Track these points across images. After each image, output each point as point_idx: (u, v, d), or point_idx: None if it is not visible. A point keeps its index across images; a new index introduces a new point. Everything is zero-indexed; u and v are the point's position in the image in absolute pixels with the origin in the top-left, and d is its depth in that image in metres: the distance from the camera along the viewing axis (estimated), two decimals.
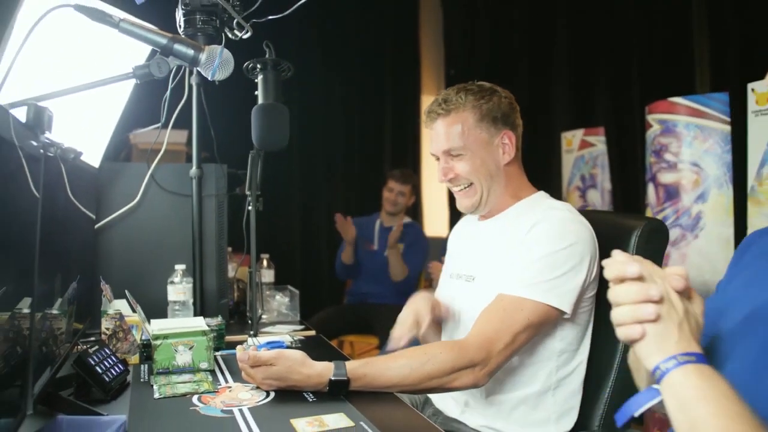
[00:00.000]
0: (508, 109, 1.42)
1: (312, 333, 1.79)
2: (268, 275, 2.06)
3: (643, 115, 2.74)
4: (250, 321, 1.69)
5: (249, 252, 1.67)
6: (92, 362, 1.18)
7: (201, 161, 1.82)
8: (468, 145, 1.39)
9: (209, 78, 1.23)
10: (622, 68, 3.31)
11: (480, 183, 1.40)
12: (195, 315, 1.75)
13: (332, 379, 1.15)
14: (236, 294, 2.06)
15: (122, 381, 1.25)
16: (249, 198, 1.68)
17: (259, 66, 1.63)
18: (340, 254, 3.58)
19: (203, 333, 1.33)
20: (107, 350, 1.26)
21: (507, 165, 1.42)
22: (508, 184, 1.43)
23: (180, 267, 1.71)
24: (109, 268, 1.76)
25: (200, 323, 1.40)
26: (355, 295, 3.62)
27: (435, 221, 5.03)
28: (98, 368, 1.18)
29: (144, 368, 1.37)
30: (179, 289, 1.70)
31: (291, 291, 1.97)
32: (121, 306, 1.48)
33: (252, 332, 1.66)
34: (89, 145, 1.61)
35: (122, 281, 1.64)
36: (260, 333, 1.70)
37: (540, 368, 1.34)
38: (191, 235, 1.81)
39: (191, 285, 1.74)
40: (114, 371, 1.22)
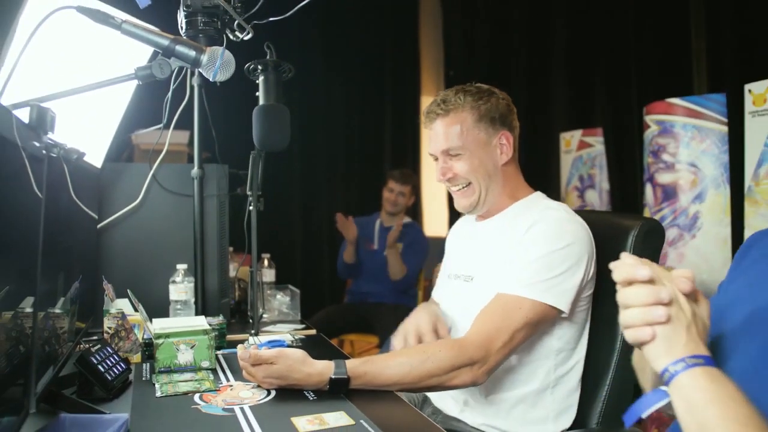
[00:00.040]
0: (506, 111, 1.43)
1: (312, 332, 1.79)
2: (269, 275, 2.07)
3: (641, 116, 2.75)
4: (251, 320, 1.69)
5: (250, 251, 1.68)
6: (94, 361, 1.19)
7: (202, 162, 1.83)
8: (466, 145, 1.40)
9: (211, 79, 1.23)
10: (621, 69, 3.32)
11: (478, 182, 1.41)
12: (196, 314, 1.76)
13: (333, 378, 1.16)
14: (237, 293, 2.07)
15: (124, 380, 1.25)
16: (250, 198, 1.68)
17: (260, 67, 1.64)
18: (342, 253, 3.59)
19: (205, 332, 1.34)
20: (109, 349, 1.27)
21: (504, 165, 1.43)
22: (506, 184, 1.44)
23: (181, 266, 1.72)
24: (111, 268, 1.77)
25: (202, 322, 1.41)
26: (356, 295, 3.63)
27: (435, 221, 5.03)
28: (100, 367, 1.19)
29: (146, 367, 1.38)
30: (181, 289, 1.71)
31: (292, 290, 1.98)
32: (123, 305, 1.49)
33: (253, 331, 1.67)
34: (91, 146, 1.61)
35: (124, 281, 1.66)
36: (261, 332, 1.71)
37: (538, 367, 1.35)
38: (193, 235, 1.81)
39: (193, 284, 1.74)
40: (116, 370, 1.23)
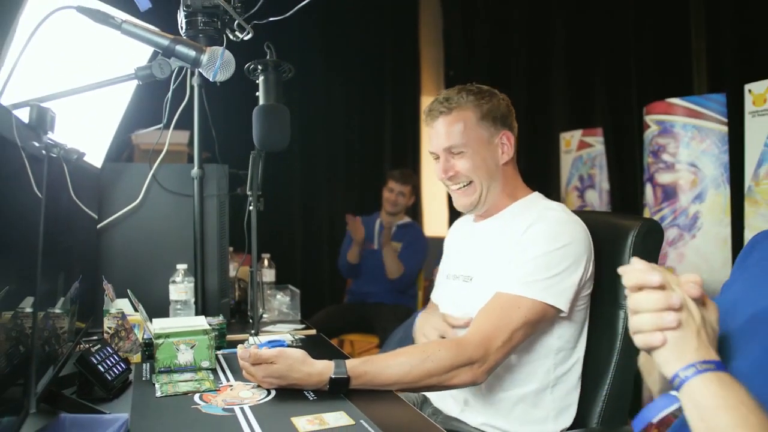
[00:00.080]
0: (506, 111, 1.44)
1: (312, 332, 1.79)
2: (269, 275, 2.07)
3: (641, 116, 2.74)
4: (251, 320, 1.69)
5: (250, 251, 1.68)
6: (94, 361, 1.19)
7: (202, 162, 1.83)
8: (469, 143, 1.40)
9: (211, 79, 1.23)
10: (621, 69, 3.31)
11: (480, 181, 1.41)
12: (196, 314, 1.76)
13: (333, 378, 1.16)
14: (237, 293, 2.07)
15: (124, 380, 1.25)
16: (250, 198, 1.68)
17: (260, 67, 1.64)
18: (346, 253, 3.59)
19: (205, 332, 1.34)
20: (109, 349, 1.27)
21: (504, 165, 1.44)
22: (506, 184, 1.45)
23: (181, 266, 1.72)
24: (111, 268, 1.77)
25: (202, 322, 1.41)
26: (356, 295, 3.63)
27: (435, 221, 5.03)
28: (100, 367, 1.19)
29: (146, 367, 1.38)
30: (181, 289, 1.71)
31: (292, 290, 1.98)
32: (123, 305, 1.49)
33: (253, 331, 1.67)
34: (91, 146, 1.61)
35: (124, 280, 1.66)
36: (261, 332, 1.71)
37: (538, 366, 1.35)
38: (193, 235, 1.81)
39: (193, 284, 1.75)
40: (116, 370, 1.23)
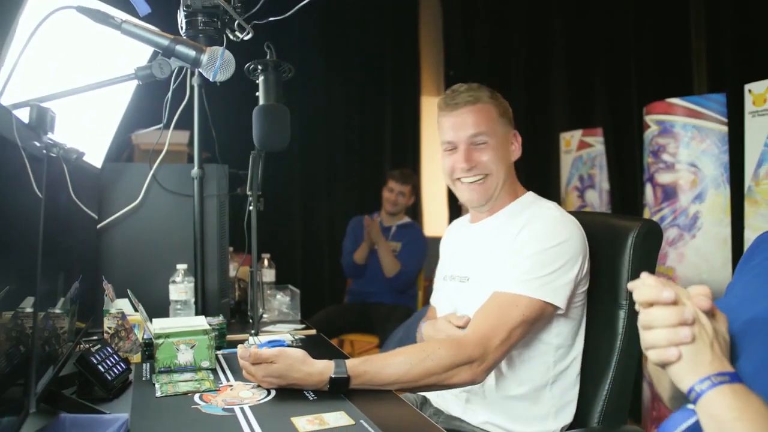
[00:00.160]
0: (511, 113, 1.49)
1: (312, 332, 1.79)
2: (269, 275, 2.07)
3: (641, 116, 2.74)
4: (251, 320, 1.69)
5: (250, 251, 1.68)
6: (94, 361, 1.19)
7: (202, 162, 1.83)
8: (493, 135, 1.42)
9: (211, 79, 1.24)
10: (620, 69, 3.31)
11: (497, 174, 1.43)
12: (196, 314, 1.76)
13: (333, 377, 1.16)
14: (237, 293, 2.07)
15: (124, 380, 1.25)
16: (250, 198, 1.68)
17: (260, 67, 1.64)
18: (349, 253, 3.59)
19: (205, 332, 1.34)
20: (109, 349, 1.27)
21: (510, 164, 1.48)
22: (511, 183, 1.48)
23: (181, 266, 1.72)
24: (111, 268, 1.77)
25: (202, 322, 1.41)
26: (356, 295, 3.63)
27: (435, 221, 5.03)
28: (100, 367, 1.19)
29: (146, 367, 1.38)
30: (181, 289, 1.71)
31: (292, 290, 1.98)
32: (123, 305, 1.49)
33: (253, 331, 1.67)
34: (91, 146, 1.61)
35: (124, 280, 1.66)
36: (261, 332, 1.71)
37: (538, 363, 1.36)
38: (193, 235, 1.82)
39: (193, 284, 1.75)
40: (116, 370, 1.23)
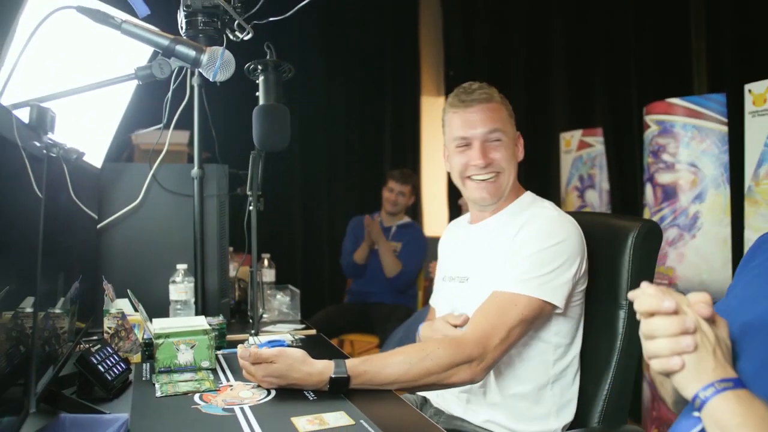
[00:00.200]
0: (514, 116, 1.50)
1: (312, 332, 1.80)
2: (269, 275, 2.07)
3: (641, 116, 2.74)
4: (251, 320, 1.69)
5: (250, 251, 1.68)
6: (94, 361, 1.19)
7: (202, 162, 1.83)
8: (505, 133, 1.43)
9: (211, 79, 1.24)
10: (620, 69, 3.31)
11: (508, 173, 1.44)
12: (196, 314, 1.76)
13: (333, 377, 1.16)
14: (237, 293, 2.07)
15: (124, 380, 1.25)
16: (250, 198, 1.68)
17: (260, 67, 1.64)
18: (349, 252, 3.59)
19: (205, 332, 1.34)
20: (109, 349, 1.27)
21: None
22: (515, 182, 1.48)
23: (181, 266, 1.72)
24: (111, 268, 1.77)
25: (202, 322, 1.41)
26: (356, 295, 3.63)
27: (435, 221, 5.03)
28: (100, 367, 1.19)
29: (146, 367, 1.38)
30: (181, 289, 1.71)
31: (292, 290, 1.98)
32: (123, 305, 1.49)
33: (253, 331, 1.67)
34: (91, 146, 1.61)
35: (124, 281, 1.66)
36: (261, 332, 1.71)
37: (538, 362, 1.37)
38: (193, 235, 1.81)
39: (193, 284, 1.75)
40: (116, 370, 1.23)
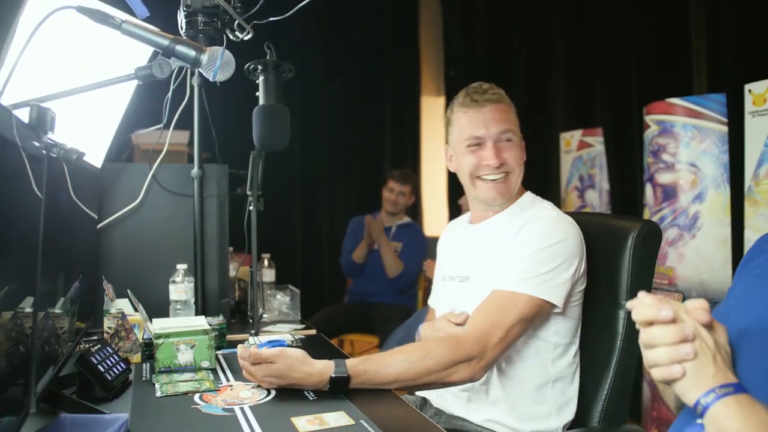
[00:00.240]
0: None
1: (312, 332, 1.80)
2: (269, 275, 2.07)
3: (641, 116, 2.74)
4: (251, 320, 1.69)
5: (250, 252, 1.68)
6: (94, 361, 1.19)
7: (202, 162, 1.83)
8: (515, 134, 1.45)
9: (211, 79, 1.24)
10: (621, 69, 3.31)
11: (517, 173, 1.45)
12: (196, 314, 1.76)
13: (333, 377, 1.16)
14: (237, 293, 2.07)
15: (124, 380, 1.25)
16: (250, 198, 1.68)
17: (260, 67, 1.64)
18: (348, 252, 3.59)
19: (205, 332, 1.34)
20: (109, 349, 1.27)
21: None
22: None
23: (181, 266, 1.72)
24: (111, 268, 1.77)
25: (202, 322, 1.41)
26: (356, 295, 3.63)
27: (435, 221, 5.03)
28: (100, 367, 1.19)
29: (146, 367, 1.38)
30: (181, 289, 1.71)
31: (292, 290, 1.98)
32: (123, 305, 1.49)
33: (253, 331, 1.67)
34: (91, 146, 1.61)
35: (124, 281, 1.66)
36: (261, 332, 1.71)
37: (537, 361, 1.37)
38: (193, 235, 1.81)
39: (193, 284, 1.75)
40: (116, 370, 1.23)
